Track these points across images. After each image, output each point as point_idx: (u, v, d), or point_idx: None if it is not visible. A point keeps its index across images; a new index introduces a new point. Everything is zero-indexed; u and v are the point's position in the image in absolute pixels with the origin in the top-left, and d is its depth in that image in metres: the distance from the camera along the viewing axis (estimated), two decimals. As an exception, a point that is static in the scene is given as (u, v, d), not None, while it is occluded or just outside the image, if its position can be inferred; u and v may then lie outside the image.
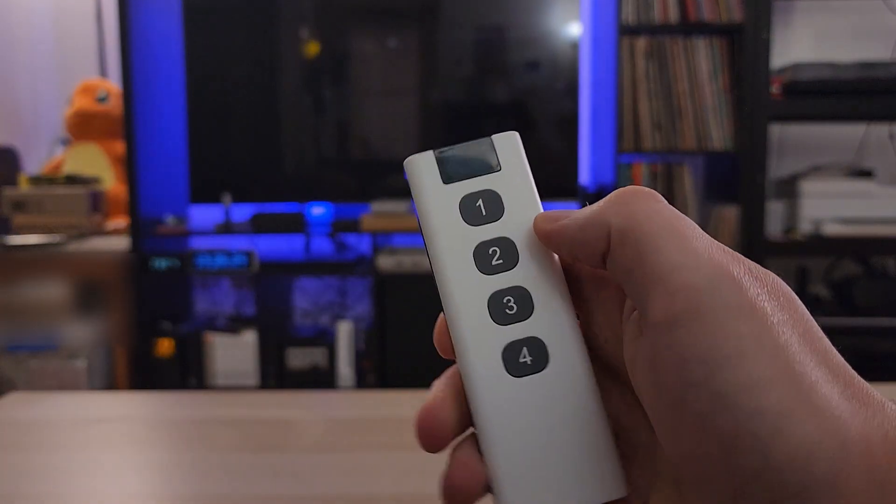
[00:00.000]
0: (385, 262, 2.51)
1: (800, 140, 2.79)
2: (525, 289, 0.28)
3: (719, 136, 2.49)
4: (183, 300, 2.90)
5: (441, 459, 0.27)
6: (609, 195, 0.26)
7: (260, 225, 2.57)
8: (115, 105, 2.76)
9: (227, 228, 2.58)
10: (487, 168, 0.29)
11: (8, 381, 2.51)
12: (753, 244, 2.45)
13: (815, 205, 2.47)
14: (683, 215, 0.25)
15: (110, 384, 2.59)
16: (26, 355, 2.51)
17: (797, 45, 2.73)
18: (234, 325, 2.65)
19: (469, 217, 0.28)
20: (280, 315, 2.83)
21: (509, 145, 0.30)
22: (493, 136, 0.30)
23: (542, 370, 0.27)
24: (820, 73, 2.40)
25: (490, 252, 0.28)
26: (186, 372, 2.60)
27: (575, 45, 2.62)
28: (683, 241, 0.24)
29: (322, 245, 2.87)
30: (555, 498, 0.25)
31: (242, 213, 2.72)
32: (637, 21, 2.45)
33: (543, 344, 0.27)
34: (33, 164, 3.01)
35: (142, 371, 2.57)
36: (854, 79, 2.40)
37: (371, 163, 2.77)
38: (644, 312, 0.24)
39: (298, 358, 2.58)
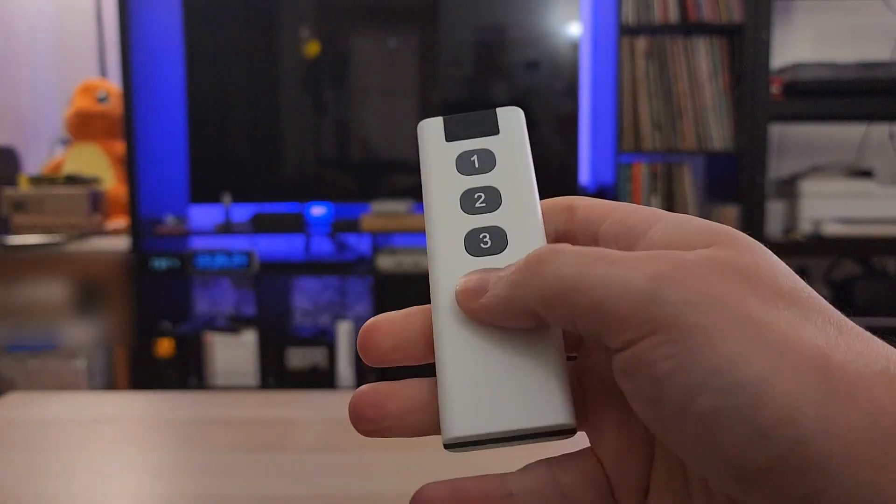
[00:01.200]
0: (385, 262, 2.51)
1: (800, 140, 2.79)
2: (501, 228, 0.29)
3: (719, 136, 2.49)
4: (183, 300, 2.89)
5: (442, 460, 0.27)
6: (522, 261, 0.26)
7: (260, 225, 2.57)
8: (115, 105, 2.75)
9: (227, 228, 2.58)
10: (487, 132, 0.32)
11: (8, 381, 2.51)
12: (753, 244, 2.44)
13: (815, 205, 2.47)
14: (594, 249, 0.25)
15: (110, 384, 2.59)
16: (26, 355, 2.51)
17: (797, 45, 2.73)
18: (234, 325, 2.65)
19: (463, 168, 0.31)
20: (280, 315, 2.83)
21: (512, 117, 0.32)
22: (498, 108, 0.32)
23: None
24: (820, 73, 2.40)
25: (475, 197, 0.30)
26: (186, 372, 2.59)
27: (575, 45, 2.62)
28: (607, 274, 0.24)
29: (322, 245, 2.87)
30: (499, 416, 0.26)
31: (242, 213, 2.72)
32: (637, 21, 2.45)
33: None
34: (33, 164, 3.01)
35: (142, 371, 2.57)
36: (854, 79, 2.40)
37: (371, 163, 2.77)
38: (605, 343, 0.24)
39: (298, 358, 2.58)
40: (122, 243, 2.53)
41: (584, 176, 2.78)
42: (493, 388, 0.26)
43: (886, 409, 0.21)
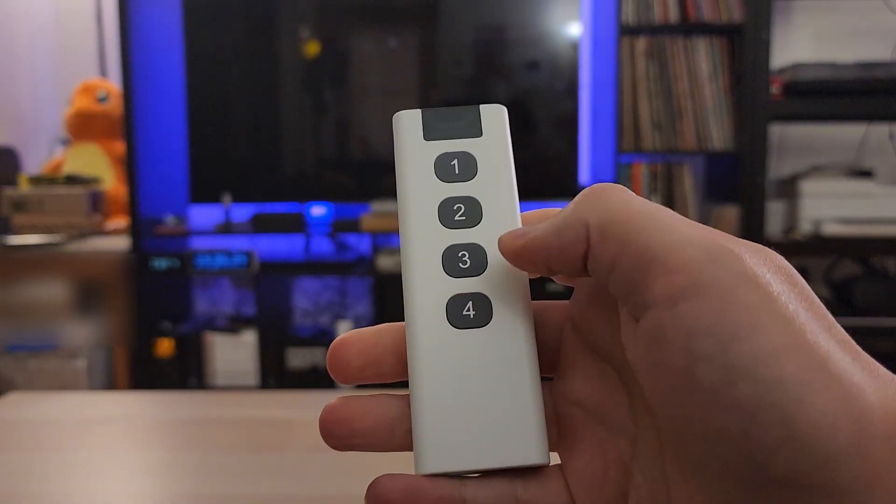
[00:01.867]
0: (385, 262, 2.51)
1: (800, 140, 2.79)
2: (482, 247, 0.28)
3: (719, 136, 2.49)
4: (183, 300, 2.90)
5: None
6: (577, 196, 0.26)
7: (260, 225, 2.57)
8: (115, 105, 2.75)
9: (227, 228, 2.58)
10: (469, 133, 0.30)
11: (8, 381, 2.51)
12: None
13: (815, 205, 2.47)
14: (657, 204, 0.25)
15: (110, 384, 2.59)
16: (26, 355, 2.51)
17: (797, 45, 2.73)
18: (234, 325, 2.65)
19: (442, 174, 0.29)
20: (280, 315, 2.83)
21: (495, 117, 0.30)
22: (481, 105, 0.30)
23: (483, 326, 0.27)
24: (820, 73, 2.40)
25: (455, 208, 0.28)
26: (186, 372, 2.59)
27: (575, 45, 2.62)
28: (669, 224, 0.23)
29: (322, 245, 2.87)
30: (473, 452, 0.26)
31: (242, 213, 2.73)
32: (637, 21, 2.45)
33: (489, 301, 0.27)
34: (33, 164, 3.01)
35: (142, 371, 2.57)
36: (854, 79, 2.40)
37: (371, 163, 2.77)
38: (641, 297, 0.23)
39: (298, 358, 2.58)
40: (122, 243, 2.53)
41: (584, 176, 2.78)
42: (468, 423, 0.26)
43: None
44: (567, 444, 0.28)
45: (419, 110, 0.30)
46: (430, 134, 0.30)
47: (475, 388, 0.26)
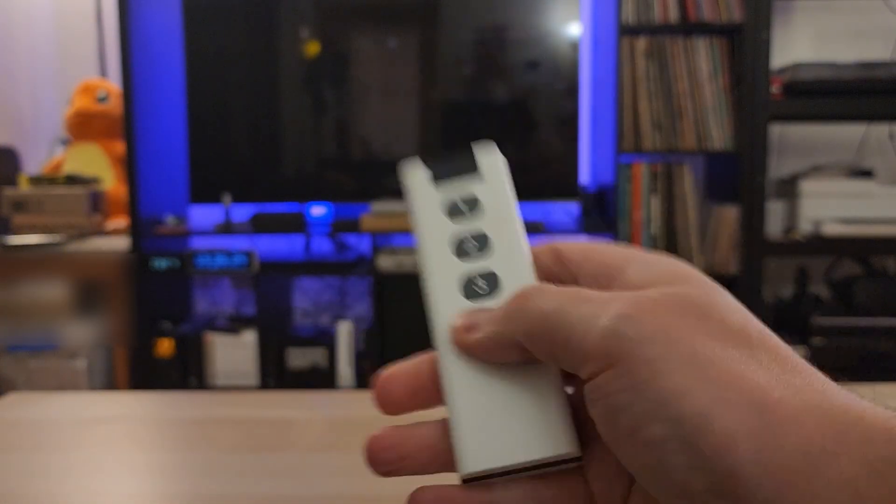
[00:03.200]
0: (385, 262, 2.51)
1: (800, 140, 2.79)
2: (494, 273, 0.31)
3: (719, 136, 2.49)
4: (183, 300, 2.90)
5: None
6: (508, 304, 0.29)
7: (260, 225, 2.57)
8: (115, 105, 2.76)
9: (227, 228, 2.58)
10: (468, 170, 0.33)
11: (8, 381, 2.51)
12: (753, 244, 2.45)
13: (815, 205, 2.48)
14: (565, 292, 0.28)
15: (110, 384, 2.59)
16: (26, 355, 2.51)
17: (797, 45, 2.73)
18: (234, 325, 2.65)
19: (451, 214, 0.32)
20: (280, 315, 2.84)
21: (489, 154, 0.34)
22: (474, 145, 0.34)
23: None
24: (820, 73, 2.40)
25: (467, 243, 0.32)
26: (186, 372, 2.60)
27: (575, 45, 2.62)
28: (577, 319, 0.27)
29: (322, 245, 2.87)
30: (510, 450, 0.28)
31: (242, 213, 2.73)
32: (637, 21, 2.46)
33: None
34: (33, 164, 3.02)
35: (142, 371, 2.57)
36: (854, 79, 2.40)
37: (371, 163, 2.77)
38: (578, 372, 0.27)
39: (298, 358, 2.59)
40: (122, 243, 2.53)
41: (585, 176, 2.79)
42: (501, 424, 0.28)
43: (814, 440, 0.23)
44: (586, 444, 0.30)
45: (420, 161, 0.34)
46: (435, 178, 0.33)
47: (503, 394, 0.29)
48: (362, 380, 2.59)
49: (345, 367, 2.57)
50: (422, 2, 2.73)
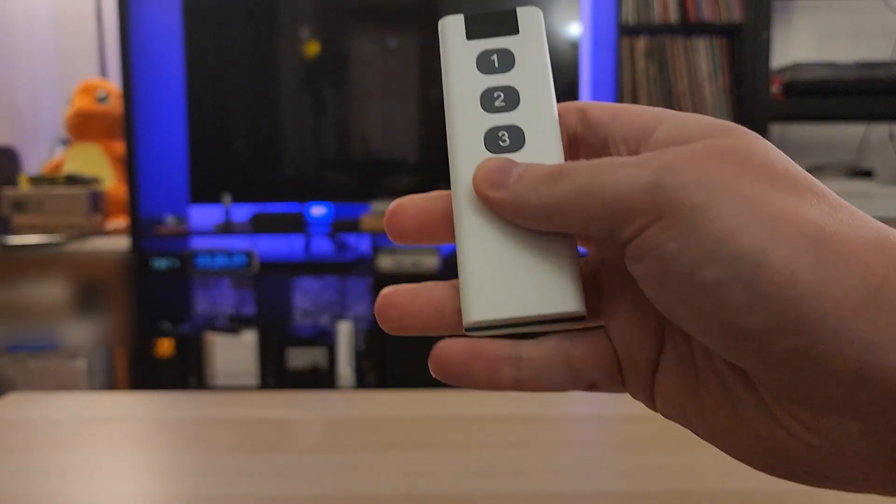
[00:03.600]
0: (385, 262, 2.51)
1: (800, 140, 2.79)
2: (520, 128, 0.30)
3: (719, 136, 2.48)
4: (183, 300, 2.90)
5: (442, 461, 0.28)
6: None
7: (260, 225, 2.58)
8: (115, 105, 2.76)
9: (227, 228, 2.59)
10: (507, 31, 0.32)
11: (8, 381, 2.51)
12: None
13: (815, 205, 2.47)
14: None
15: (110, 384, 2.59)
16: (26, 355, 2.51)
17: (797, 45, 2.74)
18: (234, 325, 2.65)
19: (483, 67, 0.32)
20: (280, 315, 2.84)
21: (531, 17, 0.33)
22: (518, 8, 0.33)
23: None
24: (820, 73, 2.41)
25: (495, 96, 0.31)
26: (186, 372, 2.60)
27: (575, 45, 2.62)
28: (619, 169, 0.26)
29: (322, 245, 2.87)
30: (516, 302, 0.28)
31: (242, 213, 2.73)
32: (637, 21, 2.46)
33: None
34: (33, 164, 3.02)
35: (142, 371, 2.57)
36: (854, 79, 2.40)
37: (371, 163, 2.77)
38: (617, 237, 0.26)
39: (298, 358, 2.59)
40: (122, 243, 2.53)
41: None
42: (511, 277, 0.28)
43: (875, 270, 0.23)
44: (609, 310, 0.30)
45: (461, 15, 0.33)
46: (471, 34, 0.32)
47: (515, 248, 0.29)
48: (362, 380, 2.59)
49: (345, 367, 2.57)
50: (422, 2, 2.73)
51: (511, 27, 0.32)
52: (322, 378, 2.57)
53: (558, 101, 0.31)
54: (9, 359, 2.52)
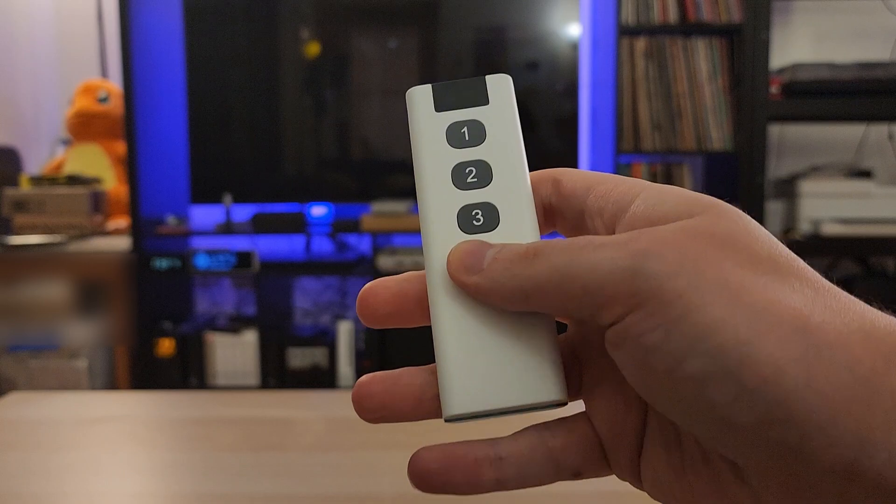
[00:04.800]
0: (385, 262, 2.51)
1: (799, 140, 2.79)
2: (493, 205, 0.29)
3: (719, 136, 2.49)
4: (184, 300, 2.90)
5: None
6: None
7: (260, 225, 2.58)
8: (115, 105, 2.76)
9: (227, 228, 2.59)
10: (477, 101, 0.31)
11: (9, 381, 2.51)
12: (753, 244, 2.44)
13: (814, 205, 2.48)
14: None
15: (111, 384, 2.59)
16: (27, 355, 2.51)
17: (796, 46, 2.73)
18: (235, 324, 2.65)
19: (453, 141, 0.31)
20: (280, 315, 2.84)
21: (501, 85, 0.32)
22: (487, 76, 0.32)
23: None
24: (819, 74, 2.40)
25: (466, 171, 0.30)
26: (187, 371, 2.60)
27: (575, 46, 2.63)
28: (591, 253, 0.26)
29: (322, 245, 2.87)
30: (495, 393, 0.27)
31: (243, 213, 2.73)
32: (637, 21, 2.46)
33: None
34: (34, 164, 3.02)
35: (142, 371, 2.57)
36: (853, 79, 2.40)
37: (371, 163, 2.77)
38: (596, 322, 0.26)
39: (299, 358, 2.59)
40: (123, 243, 2.53)
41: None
42: (490, 366, 0.28)
43: (863, 360, 0.22)
44: (589, 388, 0.30)
45: (430, 85, 0.32)
46: (440, 105, 0.32)
47: (493, 334, 0.28)
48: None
49: (345, 367, 2.58)
50: (422, 2, 2.73)
51: (480, 97, 0.31)
52: (322, 378, 2.57)
53: (558, 102, 0.31)
54: (10, 358, 2.52)
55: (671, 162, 2.56)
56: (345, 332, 2.58)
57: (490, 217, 0.29)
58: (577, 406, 0.30)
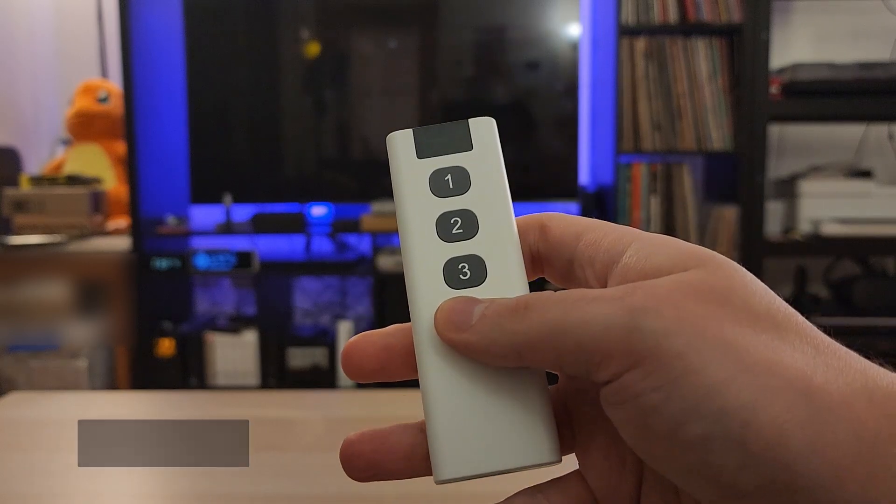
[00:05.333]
0: (385, 262, 2.52)
1: (799, 140, 2.79)
2: (480, 258, 0.28)
3: (719, 136, 2.49)
4: (184, 300, 2.90)
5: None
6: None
7: (260, 225, 2.58)
8: (115, 105, 2.76)
9: (227, 228, 2.59)
10: (460, 147, 0.30)
11: (9, 381, 2.51)
12: (753, 244, 2.45)
13: (814, 205, 2.48)
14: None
15: (111, 384, 2.59)
16: (27, 355, 2.51)
17: (796, 46, 2.74)
18: (235, 324, 2.66)
19: (437, 189, 0.30)
20: (280, 315, 2.84)
21: (484, 129, 0.31)
22: (470, 120, 0.31)
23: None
24: (819, 74, 2.40)
25: (451, 222, 0.29)
26: (187, 372, 2.60)
27: (575, 46, 2.63)
28: (583, 310, 0.25)
29: (322, 245, 2.88)
30: (487, 456, 0.27)
31: (243, 213, 2.74)
32: (637, 21, 2.46)
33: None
34: (34, 164, 3.02)
35: (143, 371, 2.57)
36: (853, 79, 2.40)
37: (371, 163, 2.77)
38: (593, 379, 0.25)
39: (299, 358, 2.59)
40: (123, 243, 2.53)
41: (584, 176, 2.79)
42: (480, 426, 0.27)
43: (867, 423, 0.22)
44: (583, 443, 0.29)
45: (410, 130, 0.31)
46: (422, 152, 0.30)
47: (483, 395, 0.27)
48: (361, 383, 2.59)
49: (345, 367, 2.57)
50: (422, 2, 2.73)
51: (464, 142, 0.30)
52: (322, 378, 2.57)
53: (558, 102, 0.30)
54: (10, 358, 2.52)
55: (671, 162, 2.56)
56: (345, 332, 2.58)
57: (477, 270, 0.28)
58: (570, 461, 0.29)
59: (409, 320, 0.29)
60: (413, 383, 0.29)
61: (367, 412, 0.86)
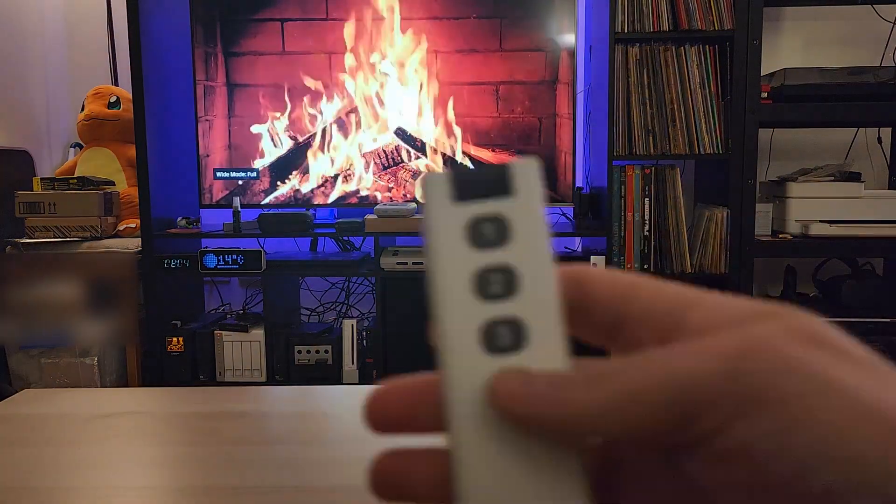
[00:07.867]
0: (388, 263, 2.53)
1: (790, 143, 2.79)
2: (521, 321, 0.26)
3: (710, 141, 2.49)
4: (193, 299, 2.93)
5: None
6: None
7: (267, 226, 2.60)
8: (126, 110, 2.77)
9: (236, 229, 2.61)
10: (500, 192, 0.27)
11: (22, 378, 2.53)
12: (743, 245, 2.46)
13: (803, 207, 2.48)
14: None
15: (122, 381, 2.60)
16: (40, 353, 2.53)
17: (787, 52, 2.74)
18: (243, 323, 2.66)
19: (474, 240, 0.26)
20: (287, 313, 2.84)
21: (527, 174, 0.27)
22: (513, 163, 0.27)
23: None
24: (809, 79, 2.40)
25: (490, 279, 0.26)
26: (196, 368, 2.62)
27: (571, 53, 2.65)
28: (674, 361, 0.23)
29: (328, 245, 2.90)
30: None
31: (250, 214, 2.75)
32: (631, 30, 2.46)
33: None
34: (47, 167, 3.04)
35: (153, 368, 2.59)
36: (842, 84, 2.40)
37: (374, 165, 2.78)
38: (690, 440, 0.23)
39: (304, 354, 2.61)
40: (134, 244, 2.56)
41: (579, 179, 2.81)
42: (513, 497, 0.25)
43: None
44: (617, 489, 0.27)
45: (446, 173, 0.27)
46: (459, 196, 0.27)
47: (517, 469, 0.25)
48: (366, 375, 2.61)
49: (349, 364, 2.60)
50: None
51: (504, 187, 0.27)
52: (327, 374, 2.59)
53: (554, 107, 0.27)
54: (23, 356, 2.53)
55: (663, 165, 2.56)
56: (349, 329, 2.60)
57: (517, 335, 0.25)
58: None
59: (409, 321, 0.29)
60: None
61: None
